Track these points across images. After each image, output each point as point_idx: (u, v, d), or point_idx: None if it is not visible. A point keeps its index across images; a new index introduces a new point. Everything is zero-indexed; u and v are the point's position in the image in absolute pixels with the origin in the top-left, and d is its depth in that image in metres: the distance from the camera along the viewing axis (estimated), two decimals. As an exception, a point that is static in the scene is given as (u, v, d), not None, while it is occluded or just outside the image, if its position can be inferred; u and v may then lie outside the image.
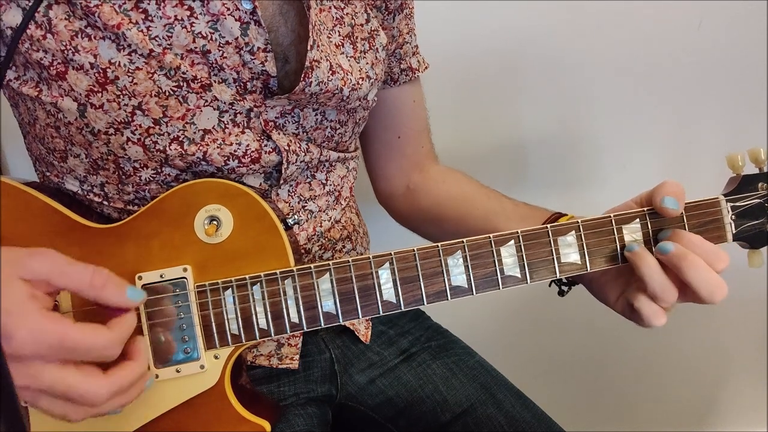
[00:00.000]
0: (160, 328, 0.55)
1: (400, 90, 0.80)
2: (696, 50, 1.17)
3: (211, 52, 0.57)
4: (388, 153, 0.83)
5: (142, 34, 0.55)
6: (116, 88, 0.55)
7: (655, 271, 0.55)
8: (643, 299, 0.56)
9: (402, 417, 0.74)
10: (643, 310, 0.56)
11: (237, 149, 0.60)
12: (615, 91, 1.19)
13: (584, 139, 1.22)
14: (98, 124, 0.57)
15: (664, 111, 1.21)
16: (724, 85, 1.20)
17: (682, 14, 1.15)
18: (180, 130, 0.58)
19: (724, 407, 1.44)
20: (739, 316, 1.34)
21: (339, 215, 0.74)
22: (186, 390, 0.56)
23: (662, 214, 0.57)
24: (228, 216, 0.56)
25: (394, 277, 0.56)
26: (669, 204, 0.56)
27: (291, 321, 0.56)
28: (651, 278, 0.55)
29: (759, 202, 0.59)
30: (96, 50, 0.54)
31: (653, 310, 0.56)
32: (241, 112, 0.60)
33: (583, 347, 1.36)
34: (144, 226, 0.56)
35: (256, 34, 0.58)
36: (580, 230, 0.58)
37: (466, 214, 0.76)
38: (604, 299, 0.63)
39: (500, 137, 1.20)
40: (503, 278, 0.57)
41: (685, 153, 1.24)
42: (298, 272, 0.56)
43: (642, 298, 0.56)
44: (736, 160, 0.59)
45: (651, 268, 0.55)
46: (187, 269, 0.55)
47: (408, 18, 0.76)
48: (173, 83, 0.56)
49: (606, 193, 1.23)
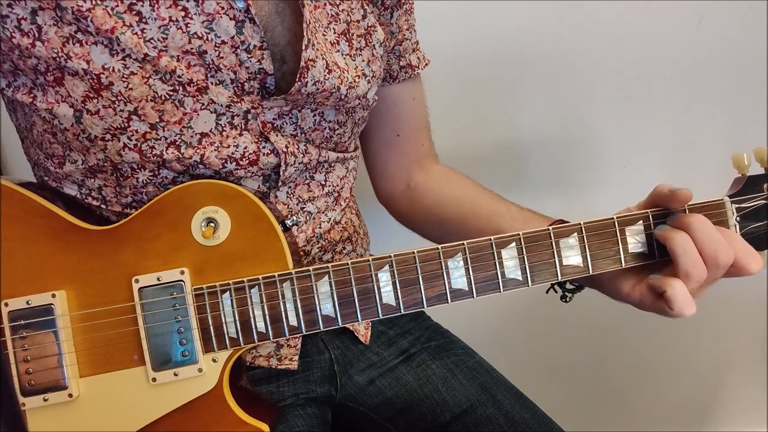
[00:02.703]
0: (158, 331, 0.54)
1: (400, 87, 0.79)
2: (696, 50, 1.17)
3: (207, 53, 0.56)
4: (387, 151, 0.82)
5: (137, 37, 0.54)
6: (111, 94, 0.55)
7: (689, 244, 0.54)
8: (677, 285, 0.54)
9: (401, 417, 0.74)
10: (677, 298, 0.54)
11: (235, 152, 0.60)
12: (615, 91, 1.18)
13: (584, 139, 1.21)
14: (94, 130, 0.56)
15: (664, 111, 1.21)
16: (724, 85, 1.19)
17: (682, 14, 1.14)
18: (177, 134, 0.58)
19: (724, 407, 1.44)
20: (739, 316, 1.33)
21: (339, 216, 0.73)
22: (184, 393, 0.55)
23: (674, 202, 0.56)
24: (225, 218, 0.56)
25: (393, 280, 0.56)
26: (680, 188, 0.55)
27: (289, 324, 0.55)
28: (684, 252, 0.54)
29: (764, 203, 0.58)
30: (88, 56, 0.54)
31: (687, 298, 0.54)
32: (239, 114, 0.60)
33: (583, 347, 1.36)
34: (141, 229, 0.56)
35: (251, 32, 0.57)
36: (582, 232, 0.57)
37: (469, 214, 0.75)
38: (616, 292, 0.61)
39: (500, 137, 1.20)
40: (504, 281, 0.56)
41: (685, 153, 1.24)
42: (296, 275, 0.55)
43: (675, 284, 0.54)
44: (741, 160, 0.58)
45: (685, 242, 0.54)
46: (184, 272, 0.55)
47: (407, 14, 0.76)
48: (169, 87, 0.56)
49: (606, 194, 1.23)
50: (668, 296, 0.54)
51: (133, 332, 0.54)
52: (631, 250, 0.58)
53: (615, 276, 0.61)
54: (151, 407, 0.55)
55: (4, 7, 0.53)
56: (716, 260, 0.54)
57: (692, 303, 0.54)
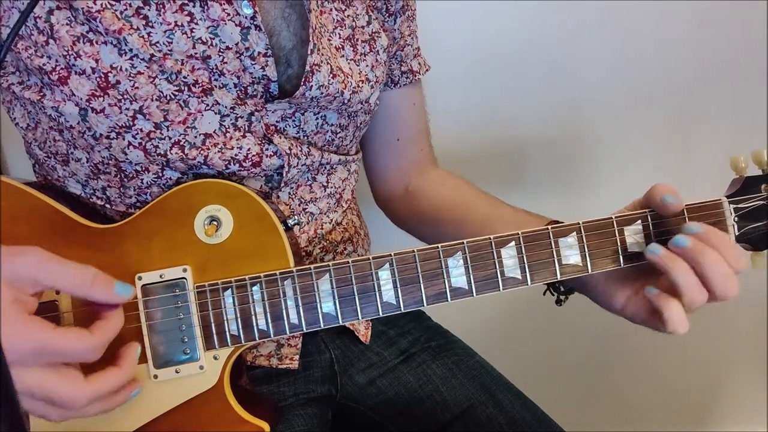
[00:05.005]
0: (160, 328, 0.55)
1: (401, 92, 0.79)
2: (696, 50, 1.17)
3: (211, 58, 0.57)
4: (387, 155, 0.82)
5: (143, 40, 0.55)
6: (117, 93, 0.55)
7: (690, 274, 0.52)
8: (674, 306, 0.53)
9: (402, 417, 0.74)
10: (674, 318, 0.53)
11: (238, 153, 0.60)
12: (615, 91, 1.18)
13: (584, 139, 1.21)
14: (99, 129, 0.57)
15: (664, 111, 1.21)
16: (724, 85, 1.19)
17: (682, 14, 1.14)
18: (181, 134, 0.58)
19: (724, 407, 1.44)
20: (739, 316, 1.33)
21: (340, 217, 0.74)
22: (185, 391, 0.55)
23: (664, 211, 0.56)
24: (228, 216, 0.56)
25: (393, 279, 0.56)
26: (670, 200, 0.55)
27: (290, 322, 0.56)
28: (687, 283, 0.52)
29: (762, 203, 0.58)
30: (98, 55, 0.54)
31: (683, 317, 0.53)
32: (242, 116, 0.60)
33: (583, 347, 1.36)
34: (144, 227, 0.56)
35: (256, 39, 0.57)
36: (581, 231, 0.57)
37: (464, 219, 0.75)
38: (609, 305, 0.61)
39: (500, 137, 1.20)
40: (504, 280, 0.57)
41: (684, 153, 1.24)
42: (297, 273, 0.55)
43: (673, 305, 0.53)
44: (738, 161, 0.59)
45: (685, 273, 0.52)
46: (186, 269, 0.55)
47: (410, 20, 0.76)
48: (174, 87, 0.56)
49: (606, 194, 1.23)
50: (666, 318, 0.54)
51: (135, 329, 0.55)
52: (629, 250, 0.58)
53: (608, 286, 0.61)
54: (153, 404, 0.55)
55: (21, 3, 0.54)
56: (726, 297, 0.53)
57: (686, 322, 0.54)
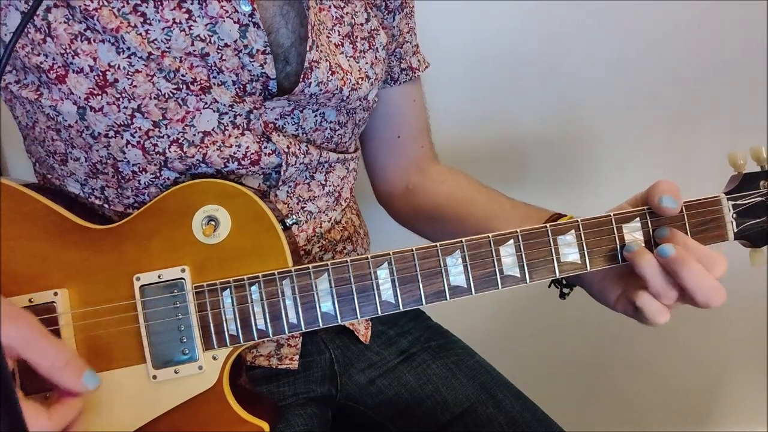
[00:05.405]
0: (158, 328, 0.55)
1: (401, 89, 0.79)
2: (696, 50, 1.17)
3: (209, 55, 0.57)
4: (387, 152, 0.82)
5: (141, 38, 0.54)
6: (116, 91, 0.55)
7: (656, 270, 0.55)
8: (645, 297, 0.55)
9: (402, 417, 0.74)
10: (646, 309, 0.55)
11: (237, 151, 0.60)
12: (615, 91, 1.18)
13: (584, 139, 1.21)
14: (98, 127, 0.57)
15: (664, 111, 1.21)
16: (724, 85, 1.19)
17: (682, 14, 1.15)
18: (179, 132, 0.58)
19: (724, 407, 1.44)
20: (739, 316, 1.33)
21: (339, 216, 0.74)
22: (184, 391, 0.55)
23: (661, 213, 0.57)
24: (226, 216, 0.56)
25: (392, 277, 0.56)
26: (667, 203, 0.55)
27: (289, 322, 0.55)
28: (652, 278, 0.55)
29: (760, 200, 0.58)
30: (95, 53, 0.54)
31: (656, 308, 0.55)
32: (241, 114, 0.60)
33: (583, 347, 1.35)
34: (142, 227, 0.56)
35: (255, 37, 0.57)
36: (579, 229, 0.57)
37: (465, 215, 0.75)
38: (605, 301, 0.63)
39: (500, 137, 1.20)
40: (502, 278, 0.57)
41: (684, 153, 1.24)
42: (296, 273, 0.55)
43: (644, 296, 0.55)
44: (737, 158, 0.59)
45: (652, 268, 0.55)
46: (185, 270, 0.55)
47: (408, 17, 0.76)
48: (173, 85, 0.56)
49: (606, 193, 1.21)
50: (639, 307, 0.56)
51: (134, 330, 0.55)
52: (628, 248, 0.58)
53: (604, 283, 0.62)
54: (152, 405, 0.55)
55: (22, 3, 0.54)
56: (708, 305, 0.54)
57: (664, 311, 0.55)
